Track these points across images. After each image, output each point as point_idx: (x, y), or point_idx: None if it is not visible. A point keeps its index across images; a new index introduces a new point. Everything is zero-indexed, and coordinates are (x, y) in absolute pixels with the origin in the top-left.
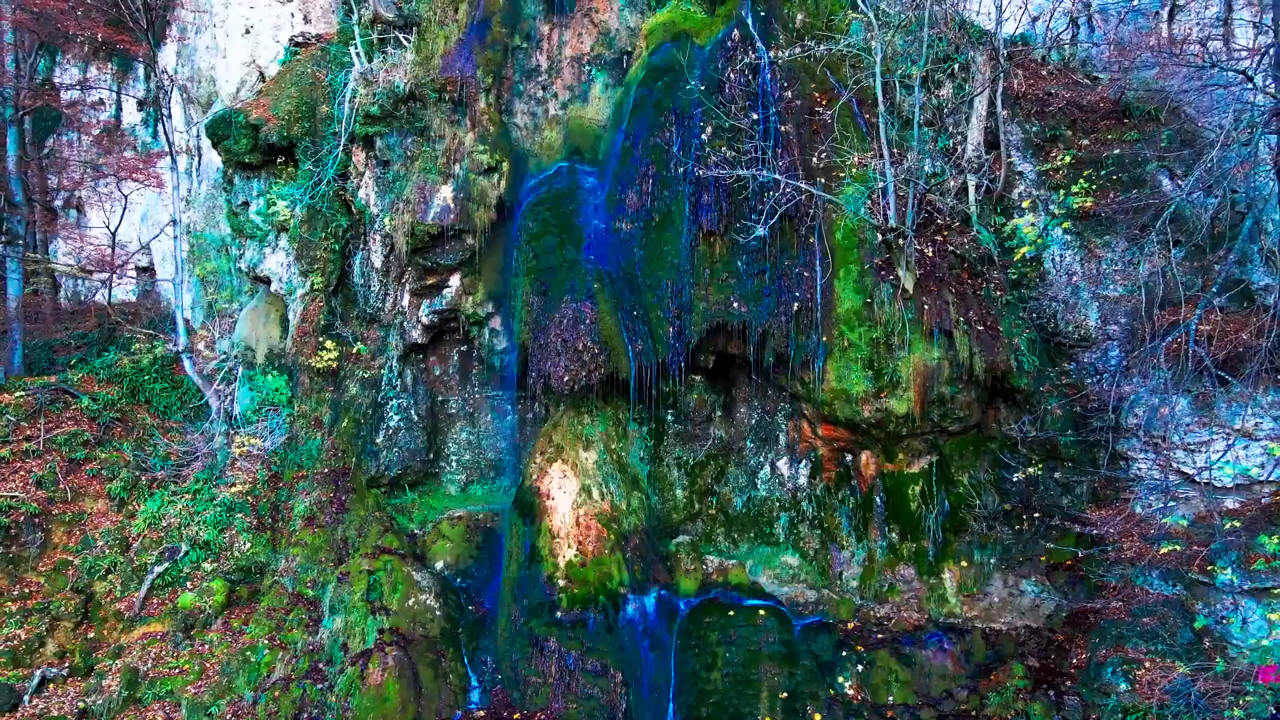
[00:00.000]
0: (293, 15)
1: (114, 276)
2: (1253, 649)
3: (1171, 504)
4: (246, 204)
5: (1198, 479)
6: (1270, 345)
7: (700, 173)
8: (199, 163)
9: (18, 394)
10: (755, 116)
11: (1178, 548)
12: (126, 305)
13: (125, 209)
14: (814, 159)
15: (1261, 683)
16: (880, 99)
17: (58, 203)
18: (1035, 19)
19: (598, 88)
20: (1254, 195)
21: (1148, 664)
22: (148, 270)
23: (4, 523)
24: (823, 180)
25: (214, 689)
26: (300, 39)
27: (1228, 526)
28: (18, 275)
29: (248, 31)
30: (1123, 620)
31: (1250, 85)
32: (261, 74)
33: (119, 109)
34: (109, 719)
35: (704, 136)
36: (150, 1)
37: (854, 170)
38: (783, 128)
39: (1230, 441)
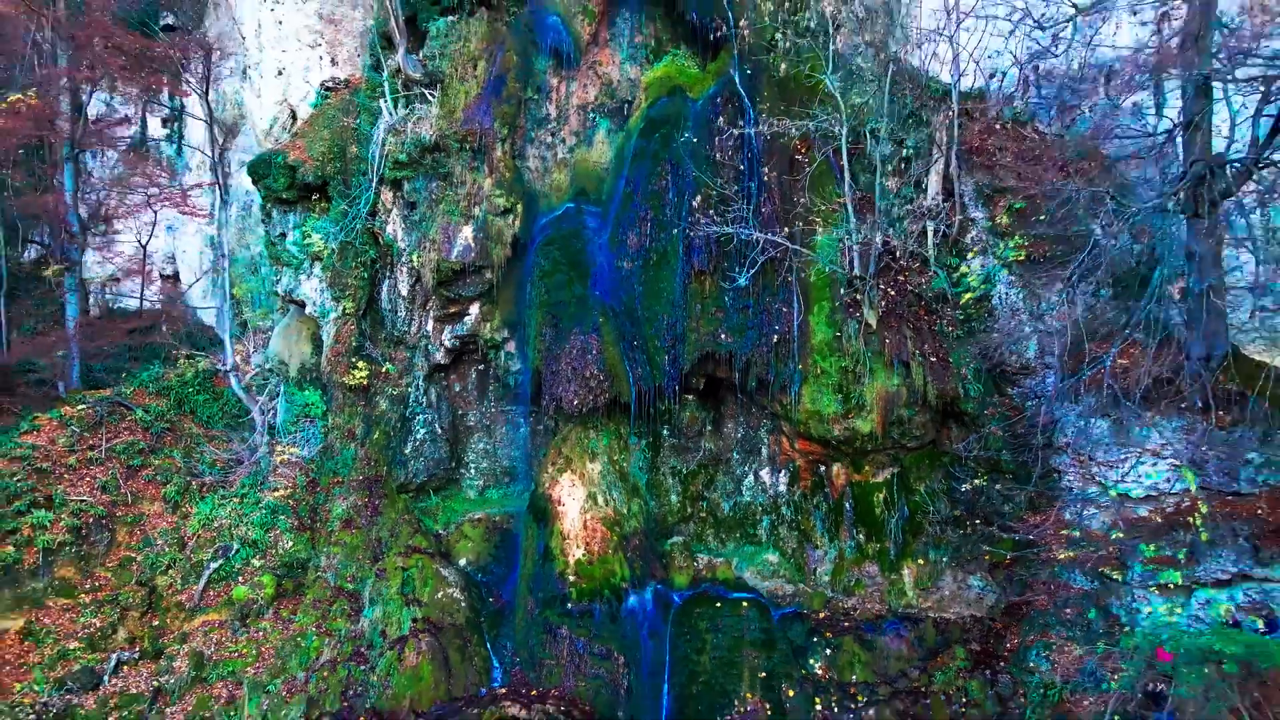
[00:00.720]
0: (320, 58)
1: (145, 286)
2: (1152, 633)
3: (1093, 512)
4: (284, 235)
5: (1112, 491)
6: (1174, 376)
7: (691, 233)
8: (225, 187)
9: (80, 407)
10: (742, 168)
11: (1094, 549)
12: (154, 313)
13: (155, 223)
14: (795, 202)
15: (1161, 660)
16: (846, 170)
17: (82, 210)
18: (991, 75)
19: (601, 133)
20: (1163, 247)
21: (1065, 647)
22: (172, 278)
23: (76, 524)
24: (800, 224)
25: (270, 670)
26: (330, 84)
27: (1115, 537)
28: (74, 298)
29: (280, 73)
30: (1048, 611)
31: (1166, 153)
32: (293, 111)
33: (144, 126)
34: (180, 696)
35: (695, 202)
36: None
37: (829, 214)
38: (766, 176)
39: (1139, 459)
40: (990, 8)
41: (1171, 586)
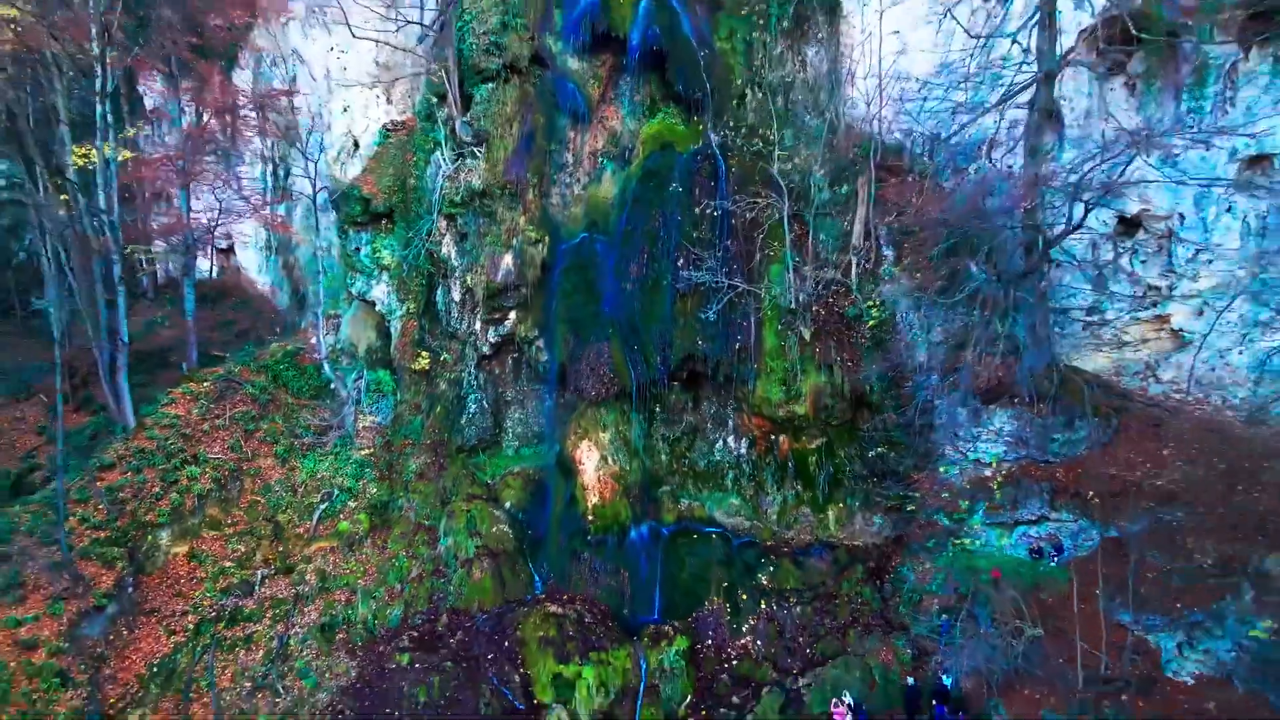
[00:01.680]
0: (378, 97)
1: (210, 260)
2: (989, 556)
3: (955, 473)
4: (358, 249)
5: (968, 458)
6: (1011, 380)
7: (677, 285)
8: (289, 187)
9: (205, 384)
10: (716, 214)
11: (953, 498)
12: (218, 282)
13: (221, 209)
14: (755, 240)
15: (993, 576)
16: (787, 226)
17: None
18: (908, 134)
19: (608, 173)
20: (1012, 283)
21: (926, 565)
22: (228, 251)
23: (216, 475)
24: (759, 256)
25: (375, 582)
26: (389, 126)
27: (967, 487)
28: (192, 295)
29: (345, 109)
30: (919, 541)
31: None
32: (355, 141)
33: (199, 116)
34: (312, 600)
35: (679, 257)
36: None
37: (779, 250)
38: (734, 221)
39: (983, 439)
40: (907, 83)
41: (1001, 524)
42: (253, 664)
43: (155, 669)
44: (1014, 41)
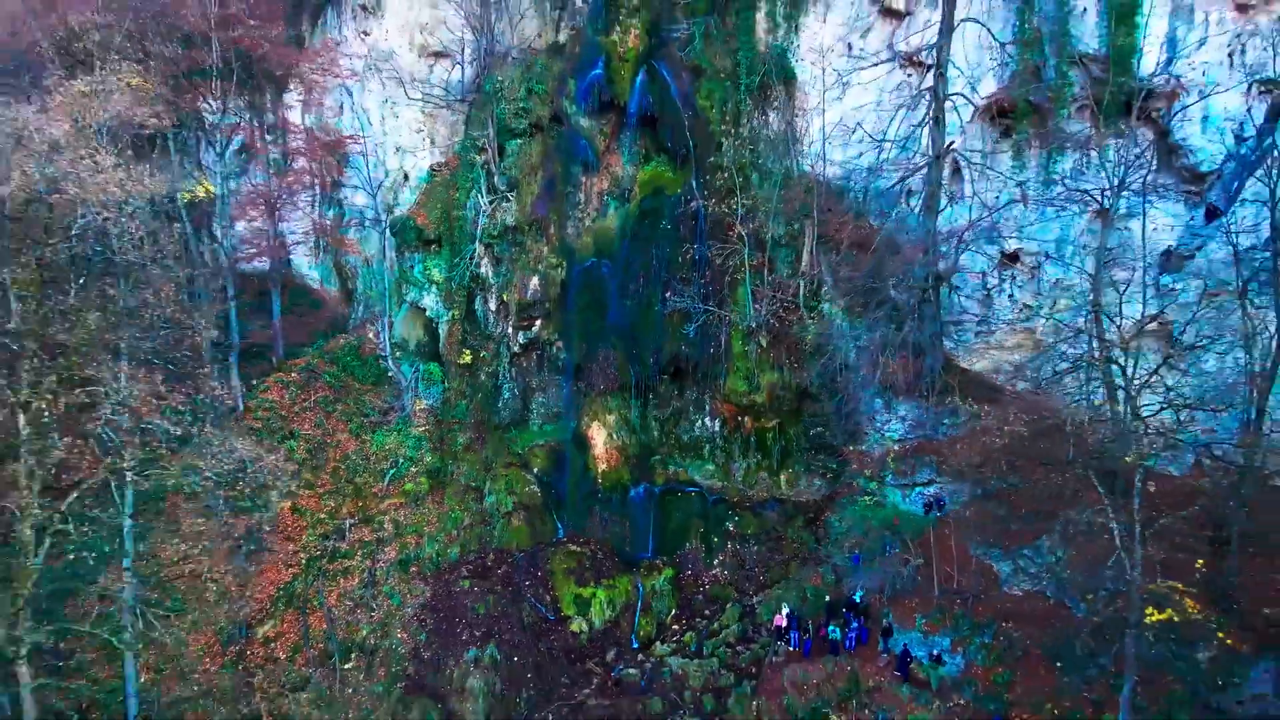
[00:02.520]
0: (424, 140)
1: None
2: (892, 509)
3: (874, 448)
4: (411, 267)
5: (882, 437)
6: (914, 378)
7: (665, 295)
8: (383, 234)
9: (292, 374)
10: (695, 245)
11: (868, 466)
12: (271, 274)
13: (278, 208)
14: (726, 265)
15: (895, 524)
16: (746, 258)
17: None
18: (845, 177)
19: (612, 210)
20: (922, 309)
21: (847, 515)
22: (280, 245)
23: (309, 447)
24: (729, 279)
25: (437, 528)
26: (435, 167)
27: (890, 458)
28: (278, 298)
29: (398, 150)
30: (844, 498)
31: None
32: (405, 174)
33: (285, 159)
34: (390, 542)
35: (667, 283)
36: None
37: (743, 274)
38: (710, 252)
39: (893, 423)
40: (847, 137)
41: (902, 485)
42: (351, 589)
43: (280, 592)
44: (913, 135)
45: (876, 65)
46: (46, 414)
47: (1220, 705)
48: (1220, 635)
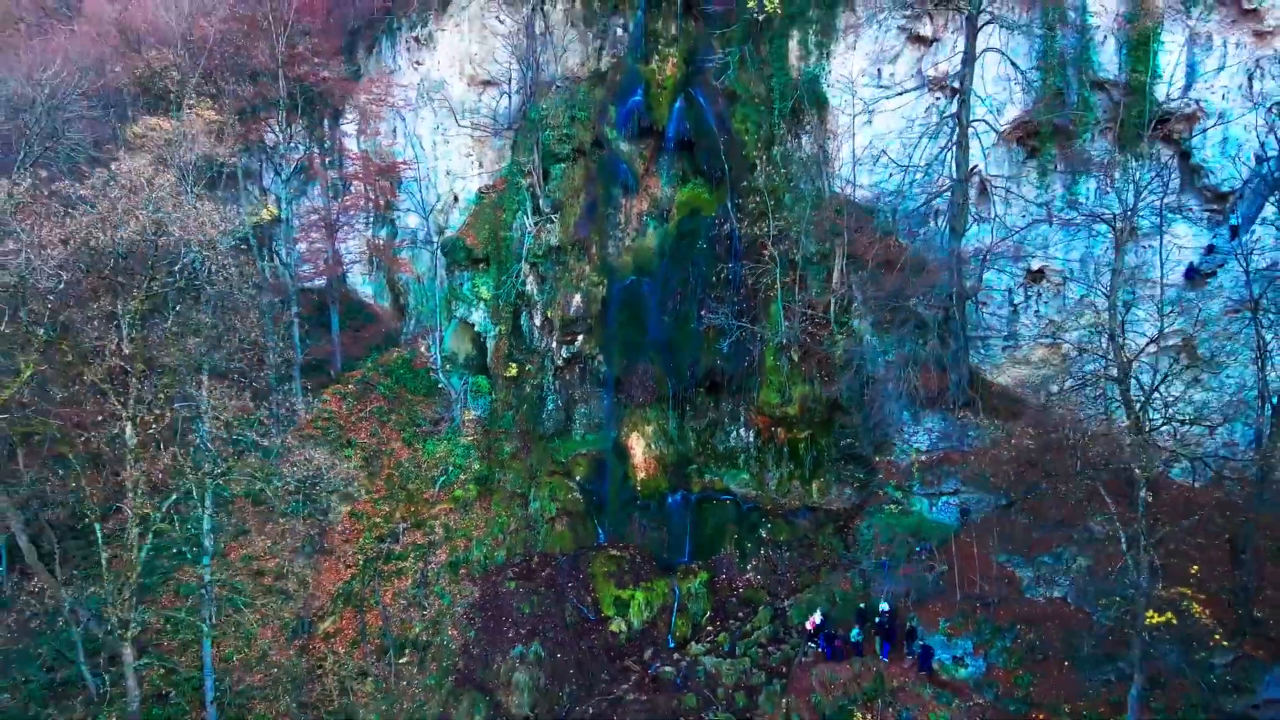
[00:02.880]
0: (472, 163)
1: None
2: (923, 518)
3: (903, 458)
4: (461, 285)
5: (909, 447)
6: (941, 391)
7: (701, 325)
8: (436, 255)
9: (349, 385)
10: (730, 265)
11: (897, 476)
12: (325, 290)
13: (336, 229)
14: (760, 283)
15: (920, 532)
16: (778, 276)
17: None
18: (876, 198)
19: (651, 230)
20: (949, 325)
21: (877, 523)
22: (336, 262)
23: (365, 455)
24: (762, 296)
25: (484, 533)
26: (482, 190)
27: (915, 468)
28: (335, 315)
29: (448, 173)
30: (874, 507)
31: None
32: (455, 196)
33: (344, 184)
34: (441, 545)
35: (703, 300)
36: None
37: (776, 291)
38: (744, 271)
39: (919, 434)
40: (876, 160)
41: (928, 495)
42: (404, 588)
43: (339, 591)
44: (939, 158)
45: (903, 94)
46: (152, 427)
47: (1235, 710)
48: (1221, 640)
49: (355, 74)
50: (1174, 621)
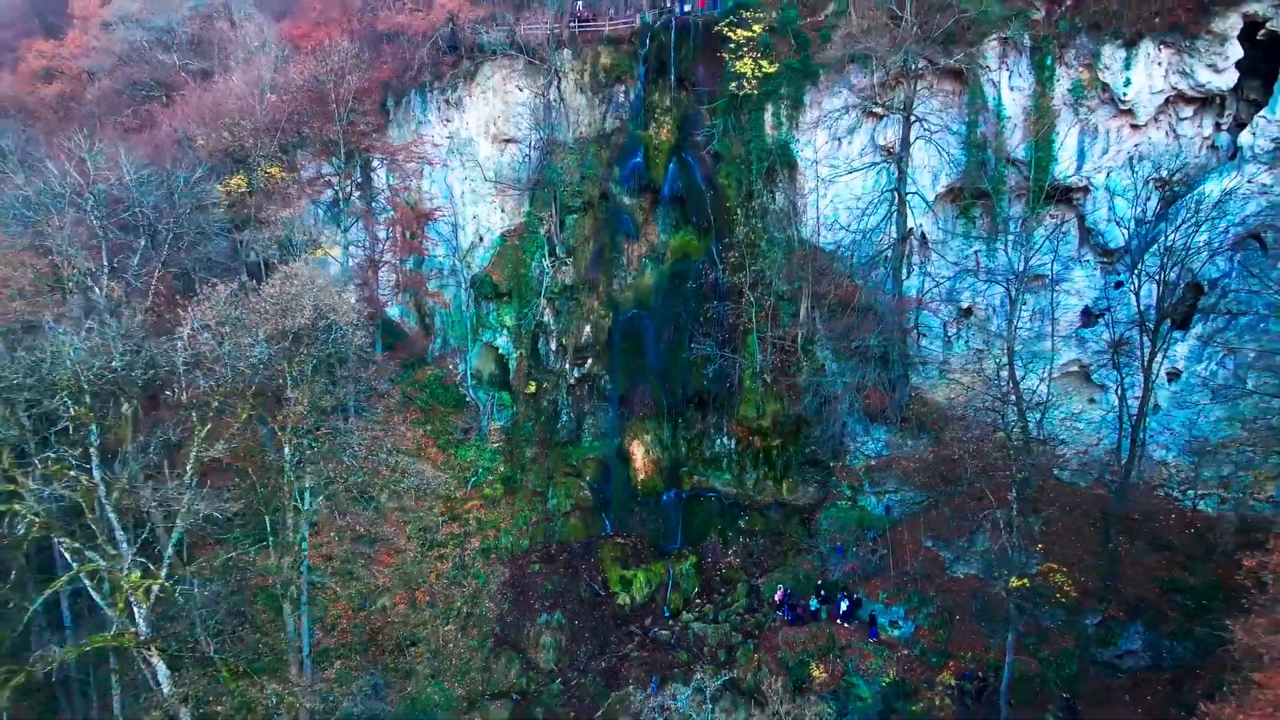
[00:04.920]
0: (496, 207)
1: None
2: (869, 512)
3: (856, 462)
4: (488, 314)
5: (861, 454)
6: (887, 407)
7: (691, 355)
8: (470, 290)
9: (392, 400)
10: (715, 302)
11: (850, 477)
12: (372, 316)
13: (379, 266)
14: (739, 317)
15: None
16: (753, 310)
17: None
18: (835, 247)
19: (649, 270)
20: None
21: (833, 516)
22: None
23: (409, 459)
24: (742, 327)
25: (510, 525)
26: (505, 232)
27: (865, 472)
28: (380, 336)
29: (474, 217)
30: (831, 502)
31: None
32: (481, 236)
33: (344, 190)
34: (474, 535)
35: (692, 333)
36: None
37: (752, 325)
38: (727, 310)
39: (869, 443)
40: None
41: (875, 493)
42: (446, 570)
43: (394, 572)
44: (884, 220)
45: (851, 172)
46: (310, 449)
47: (1101, 658)
48: (1091, 604)
49: (386, 121)
50: (1028, 585)
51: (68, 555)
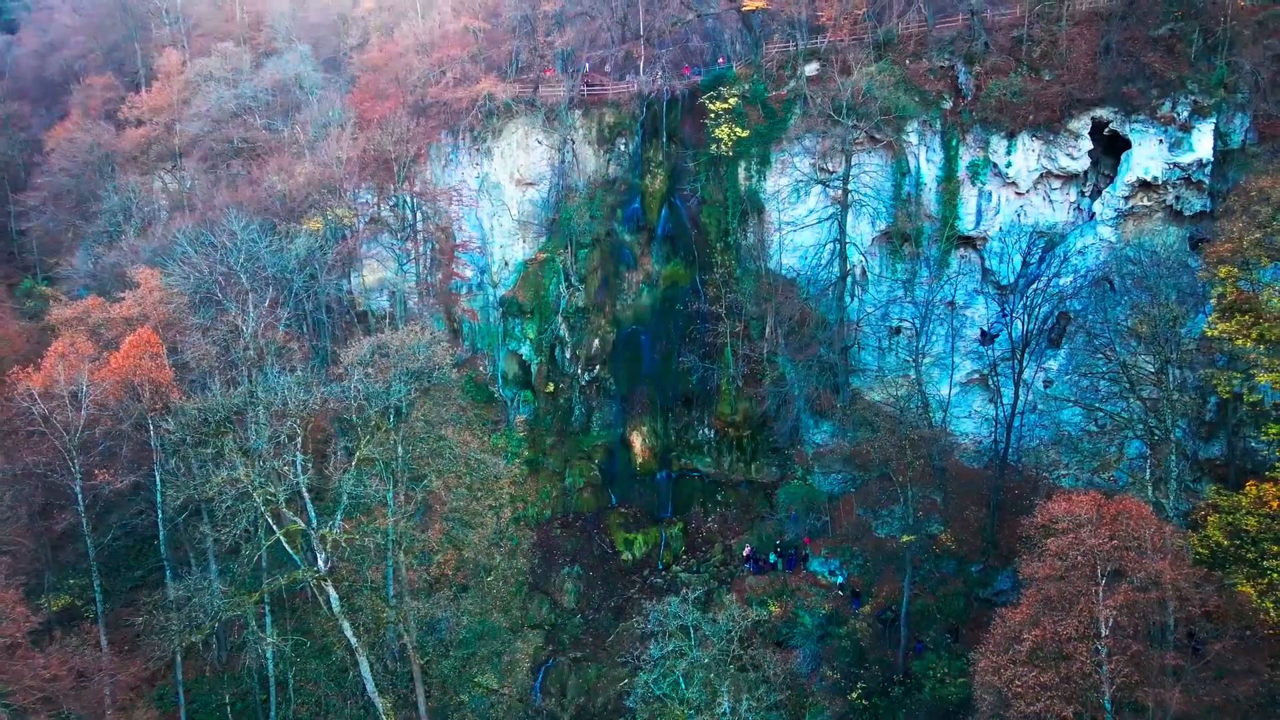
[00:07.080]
0: (520, 238)
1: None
2: (817, 489)
3: (808, 449)
4: (513, 328)
5: (813, 442)
6: (833, 405)
7: (678, 365)
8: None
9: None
10: (699, 323)
11: (803, 462)
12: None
13: (408, 267)
14: (718, 334)
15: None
16: (728, 329)
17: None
18: (795, 275)
19: (645, 292)
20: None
21: (790, 491)
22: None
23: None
24: (720, 342)
25: (536, 498)
26: (527, 260)
27: (814, 457)
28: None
29: (501, 246)
30: (788, 481)
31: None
32: (506, 262)
33: (379, 211)
34: (505, 507)
35: (680, 346)
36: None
37: (727, 341)
38: (708, 328)
39: (819, 435)
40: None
41: (822, 473)
42: (486, 535)
43: (444, 538)
44: (833, 256)
45: (805, 228)
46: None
47: (981, 595)
48: (975, 556)
49: (428, 169)
50: (915, 540)
51: (270, 519)
